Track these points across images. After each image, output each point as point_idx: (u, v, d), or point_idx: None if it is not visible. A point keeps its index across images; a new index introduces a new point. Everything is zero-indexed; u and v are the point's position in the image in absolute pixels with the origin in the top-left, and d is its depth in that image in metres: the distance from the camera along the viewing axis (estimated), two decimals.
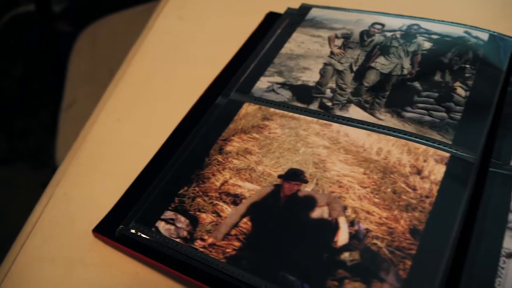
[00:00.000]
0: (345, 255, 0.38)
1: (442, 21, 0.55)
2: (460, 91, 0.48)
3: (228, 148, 0.48)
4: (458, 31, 0.53)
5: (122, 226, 0.44)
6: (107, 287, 0.44)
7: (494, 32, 0.53)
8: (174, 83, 0.60)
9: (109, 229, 0.45)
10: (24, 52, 1.22)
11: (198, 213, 0.43)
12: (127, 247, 0.44)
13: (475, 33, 0.53)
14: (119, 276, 0.44)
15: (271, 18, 0.63)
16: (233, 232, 0.41)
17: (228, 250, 0.40)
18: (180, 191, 0.45)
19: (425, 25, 0.55)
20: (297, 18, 0.60)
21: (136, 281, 0.44)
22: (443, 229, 0.38)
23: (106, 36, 1.11)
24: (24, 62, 1.22)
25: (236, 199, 0.43)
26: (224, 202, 0.43)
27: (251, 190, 0.44)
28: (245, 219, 0.42)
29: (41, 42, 1.20)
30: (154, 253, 0.42)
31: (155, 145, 0.52)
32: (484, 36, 0.53)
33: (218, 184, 0.45)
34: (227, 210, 0.43)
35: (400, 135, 0.45)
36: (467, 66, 0.50)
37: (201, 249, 0.41)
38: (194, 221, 0.43)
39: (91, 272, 0.45)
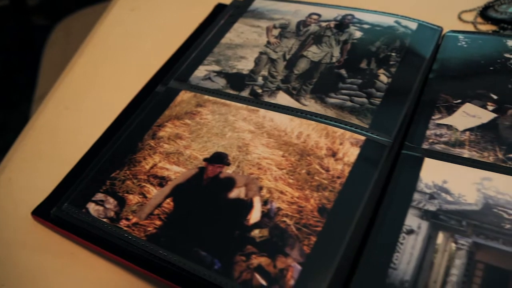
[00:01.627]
0: (255, 232, 0.40)
1: (375, 11, 0.57)
2: (383, 78, 0.50)
3: (161, 133, 0.50)
4: (388, 21, 0.55)
5: (55, 208, 0.46)
6: (44, 268, 0.46)
7: (423, 21, 0.55)
8: (123, 72, 0.62)
9: (46, 212, 0.47)
10: (0, 46, 1.24)
11: (126, 194, 0.45)
12: (61, 228, 0.46)
13: (404, 22, 0.55)
14: (56, 257, 0.46)
15: (219, 10, 0.65)
16: (156, 212, 0.43)
17: (149, 229, 0.42)
18: (112, 174, 0.47)
19: (358, 15, 0.57)
20: (240, 9, 0.62)
21: (71, 262, 0.46)
22: (349, 207, 0.40)
23: (80, 29, 1.12)
24: (1, 56, 1.24)
25: (162, 181, 0.45)
26: (151, 184, 0.45)
27: (177, 173, 0.46)
28: (168, 200, 0.44)
29: (17, 36, 1.21)
30: (84, 233, 0.45)
31: (100, 132, 0.54)
32: (413, 26, 0.54)
33: (147, 167, 0.47)
34: (153, 191, 0.45)
35: (320, 119, 0.47)
36: (393, 54, 0.52)
37: (125, 228, 0.43)
38: (121, 202, 0.45)
39: (30, 254, 0.47)
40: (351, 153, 0.44)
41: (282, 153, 0.45)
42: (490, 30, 0.63)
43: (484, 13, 0.64)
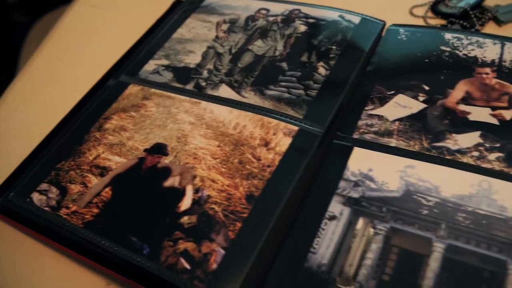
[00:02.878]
0: (185, 219, 0.42)
1: (321, 6, 0.58)
2: (322, 70, 0.51)
3: (107, 125, 0.51)
4: (333, 15, 0.57)
5: (1, 198, 0.48)
6: None
7: (367, 16, 0.56)
8: (81, 67, 0.64)
9: None
10: None
11: (68, 184, 0.47)
12: (8, 217, 0.48)
13: (348, 16, 0.56)
14: (3, 247, 0.48)
15: (176, 6, 0.66)
16: (95, 200, 0.45)
17: (86, 217, 0.44)
18: (58, 165, 0.49)
19: (305, 10, 0.58)
20: (194, 5, 0.63)
21: (18, 249, 0.47)
22: (276, 195, 0.42)
23: None
24: None
25: (103, 171, 0.47)
26: (93, 174, 0.47)
27: (118, 163, 0.47)
28: (107, 189, 0.45)
29: None
30: (28, 222, 0.46)
31: (55, 124, 0.56)
32: (356, 20, 0.56)
33: (91, 158, 0.48)
34: (94, 181, 0.46)
35: (257, 111, 0.48)
36: (333, 47, 0.53)
37: (65, 216, 0.44)
38: (63, 192, 0.46)
39: None
40: (283, 143, 0.45)
41: (217, 143, 0.47)
42: (438, 24, 0.65)
43: (434, 8, 0.65)
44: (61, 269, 0.45)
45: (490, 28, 0.65)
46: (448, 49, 0.51)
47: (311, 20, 0.56)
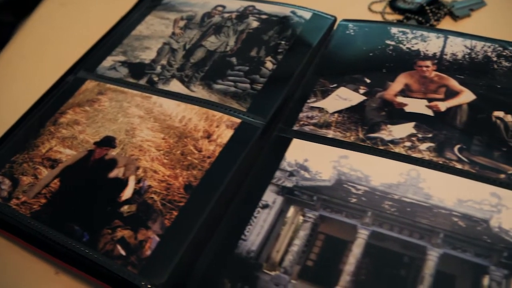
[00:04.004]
0: (125, 208, 0.43)
1: (275, 2, 0.59)
2: (269, 64, 0.52)
3: (62, 120, 0.53)
4: (285, 11, 0.58)
5: None
6: None
7: (318, 11, 0.57)
8: (46, 63, 0.65)
9: None
10: None
11: (21, 176, 0.48)
12: None
13: (300, 12, 0.57)
14: None
15: (140, 3, 0.68)
16: (44, 191, 0.46)
17: (34, 207, 0.45)
18: (13, 158, 0.50)
19: (259, 6, 0.59)
20: (155, 2, 0.65)
21: None
22: (213, 184, 0.43)
23: None
24: None
25: (54, 163, 0.48)
26: (44, 166, 0.48)
27: (68, 156, 0.49)
28: (56, 180, 0.47)
29: None
30: None
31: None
32: (307, 15, 0.57)
33: (43, 151, 0.50)
34: (44, 173, 0.48)
35: (203, 104, 0.50)
36: (282, 42, 0.54)
37: (14, 207, 0.46)
38: (15, 183, 0.48)
39: None
40: (225, 135, 0.47)
41: (163, 136, 0.48)
42: (395, 20, 0.66)
43: (392, 4, 0.67)
44: (12, 258, 0.46)
45: (446, 23, 0.66)
46: (392, 43, 0.52)
47: (264, 16, 0.58)
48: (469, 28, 0.65)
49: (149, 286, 0.38)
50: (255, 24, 0.57)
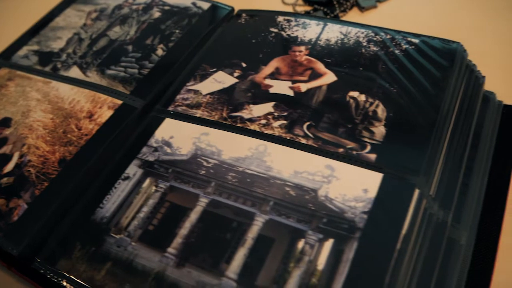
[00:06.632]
0: (4, 180, 0.47)
1: None
2: (159, 51, 0.56)
3: None
4: (186, 2, 0.61)
5: None
6: None
7: (217, 2, 0.61)
8: None
9: None
10: None
11: None
12: None
13: (199, 3, 0.61)
14: None
15: None
16: None
17: None
18: None
19: None
20: None
21: None
22: (84, 159, 0.47)
23: None
24: None
25: None
26: None
27: None
28: None
29: None
30: None
31: None
32: (206, 6, 0.60)
33: None
34: None
35: (92, 88, 0.54)
36: (177, 31, 0.58)
37: None
38: None
39: None
40: (105, 115, 0.50)
41: (51, 116, 0.52)
42: (303, 11, 0.69)
43: None
44: None
45: (354, 14, 0.69)
46: (276, 30, 0.56)
47: (166, 7, 0.62)
48: (375, 19, 0.68)
49: (10, 247, 0.42)
50: (157, 14, 0.61)
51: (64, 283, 0.40)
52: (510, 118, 0.52)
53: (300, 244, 0.38)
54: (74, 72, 0.57)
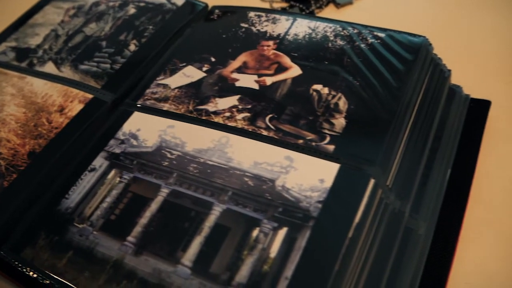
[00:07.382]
0: None
1: None
2: (132, 47, 0.57)
3: None
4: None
5: None
6: None
7: None
8: None
9: None
10: None
11: None
12: None
13: (174, 0, 0.62)
14: None
15: None
16: None
17: None
18: None
19: None
20: None
21: None
22: (53, 151, 0.48)
23: None
24: None
25: None
26: None
27: None
28: None
29: None
30: None
31: None
32: (180, 2, 0.61)
33: None
34: None
35: (64, 82, 0.55)
36: (150, 27, 0.59)
37: None
38: None
39: None
40: (75, 109, 0.51)
41: (24, 110, 0.53)
42: (279, 7, 0.69)
43: None
44: None
45: (330, 10, 0.69)
46: (246, 25, 0.56)
47: (142, 4, 0.63)
48: (350, 16, 0.68)
49: None
50: (132, 11, 0.62)
51: (28, 271, 0.40)
52: (477, 111, 0.52)
53: (255, 232, 0.39)
54: (49, 67, 0.58)
